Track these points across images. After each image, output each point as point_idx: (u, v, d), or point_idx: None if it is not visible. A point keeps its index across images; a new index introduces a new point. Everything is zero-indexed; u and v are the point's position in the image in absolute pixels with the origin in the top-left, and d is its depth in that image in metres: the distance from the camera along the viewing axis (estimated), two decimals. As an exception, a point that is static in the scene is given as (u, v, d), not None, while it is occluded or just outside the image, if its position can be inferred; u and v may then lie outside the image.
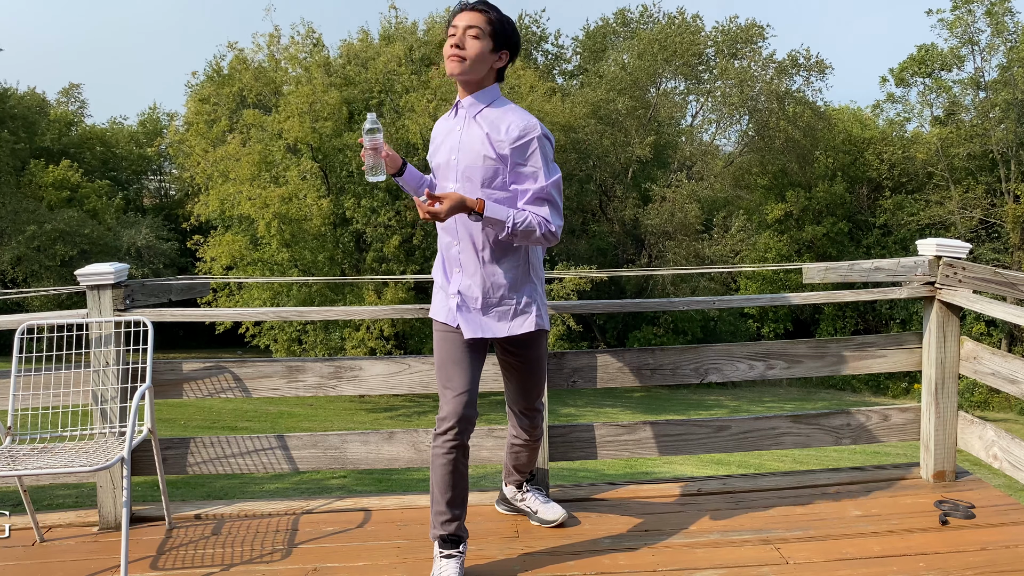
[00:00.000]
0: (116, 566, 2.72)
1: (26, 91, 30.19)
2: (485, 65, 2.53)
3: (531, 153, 2.48)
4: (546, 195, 2.49)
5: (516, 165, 2.49)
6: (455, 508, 2.55)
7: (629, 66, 27.68)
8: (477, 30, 2.49)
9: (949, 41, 27.23)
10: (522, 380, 2.79)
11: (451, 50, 2.50)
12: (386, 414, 19.51)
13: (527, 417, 2.86)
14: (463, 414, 2.50)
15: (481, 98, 2.57)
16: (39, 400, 3.04)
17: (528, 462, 3.00)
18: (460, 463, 2.52)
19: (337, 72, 21.24)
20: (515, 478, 3.07)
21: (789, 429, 3.36)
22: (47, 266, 24.81)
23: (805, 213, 28.99)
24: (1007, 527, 2.89)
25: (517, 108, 2.57)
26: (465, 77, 2.53)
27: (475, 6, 2.52)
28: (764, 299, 3.42)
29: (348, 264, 21.67)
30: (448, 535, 2.55)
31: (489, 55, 2.52)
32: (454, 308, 2.60)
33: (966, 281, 3.21)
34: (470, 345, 2.59)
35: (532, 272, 2.65)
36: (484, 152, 2.50)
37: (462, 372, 2.55)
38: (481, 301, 2.59)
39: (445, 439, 2.51)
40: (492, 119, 2.53)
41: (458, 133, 2.59)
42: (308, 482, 9.11)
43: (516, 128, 2.48)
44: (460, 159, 2.55)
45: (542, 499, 3.06)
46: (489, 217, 2.42)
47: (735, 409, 20.67)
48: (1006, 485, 8.60)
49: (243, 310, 3.47)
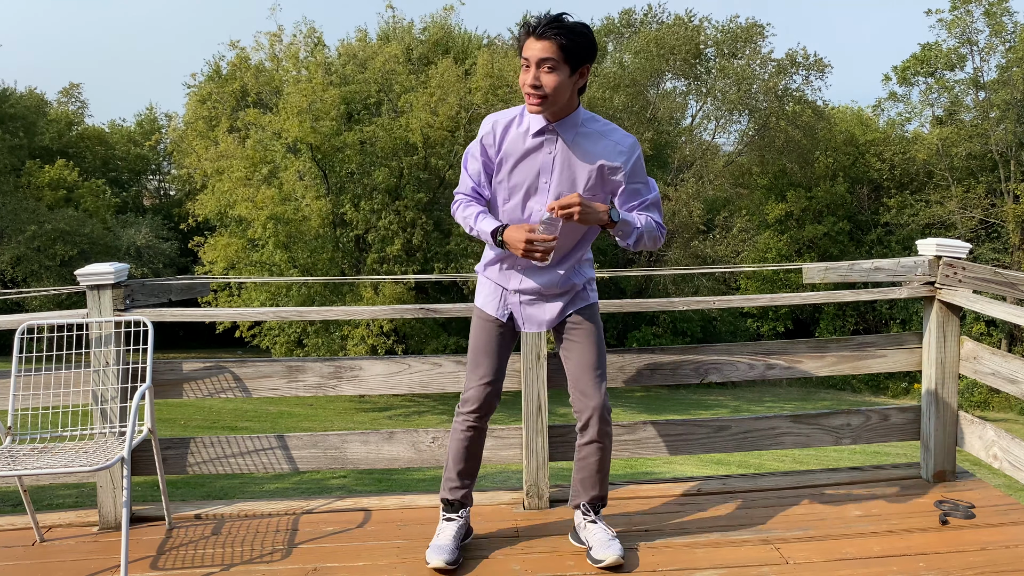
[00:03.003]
0: (116, 566, 2.72)
1: (25, 91, 30.17)
2: (567, 92, 2.46)
3: (640, 170, 2.58)
4: (654, 201, 2.63)
5: (630, 185, 2.58)
6: (464, 478, 2.79)
7: (628, 65, 27.70)
8: (552, 62, 2.39)
9: (948, 41, 27.25)
10: (583, 352, 2.71)
11: (529, 89, 2.43)
12: (386, 414, 19.52)
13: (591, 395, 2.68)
14: (484, 401, 2.71)
15: (572, 121, 2.52)
16: (39, 400, 3.04)
17: (595, 474, 2.73)
18: (474, 442, 2.76)
19: (337, 72, 21.25)
20: (578, 499, 2.80)
21: (789, 429, 3.35)
22: (47, 266, 24.82)
23: (805, 213, 28.99)
24: (1007, 527, 2.88)
25: (608, 123, 2.58)
26: (551, 111, 2.48)
27: (544, 34, 2.38)
28: (764, 299, 3.42)
29: (348, 264, 21.67)
30: (452, 500, 2.79)
31: (568, 81, 2.44)
32: (507, 305, 2.72)
33: (966, 281, 3.21)
34: (507, 337, 2.75)
35: (584, 258, 2.76)
36: (592, 181, 2.54)
37: (491, 362, 2.72)
38: (539, 295, 2.70)
39: (465, 419, 2.74)
40: (592, 143, 2.53)
41: (550, 156, 2.54)
42: (308, 482, 9.11)
43: (626, 152, 2.54)
44: (554, 183, 2.54)
45: (605, 536, 2.70)
46: (624, 221, 2.52)
47: (735, 409, 20.68)
48: (1006, 485, 8.60)
49: (243, 310, 3.47)
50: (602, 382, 2.71)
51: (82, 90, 37.02)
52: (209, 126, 22.68)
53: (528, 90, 2.42)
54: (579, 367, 2.72)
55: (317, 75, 20.54)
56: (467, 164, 2.66)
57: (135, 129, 34.68)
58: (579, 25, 2.41)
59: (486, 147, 2.59)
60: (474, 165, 2.64)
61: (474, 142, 2.64)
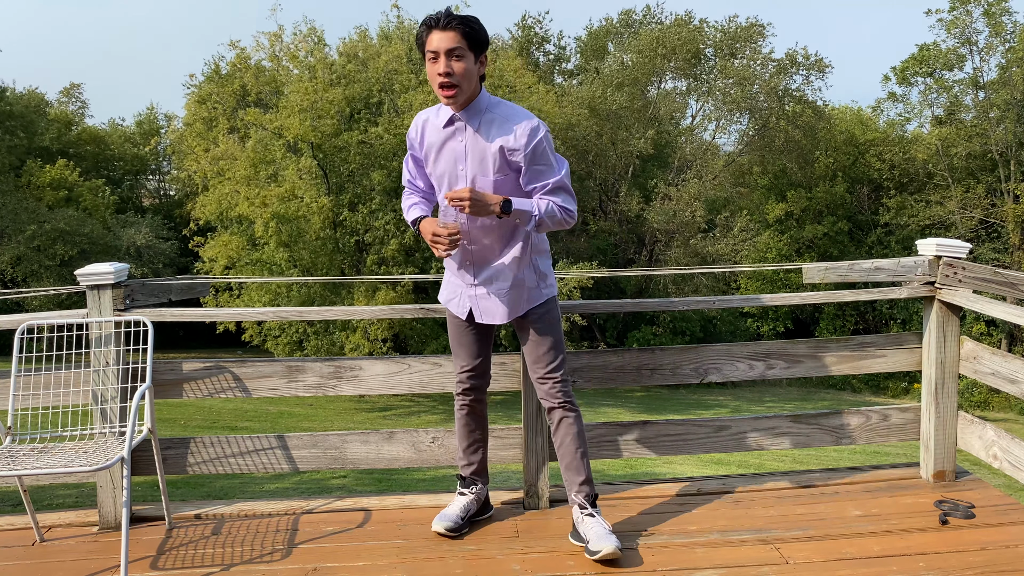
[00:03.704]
0: (116, 566, 2.72)
1: (25, 91, 30.15)
2: (474, 79, 2.58)
3: (541, 153, 2.61)
4: (559, 184, 2.64)
5: (531, 167, 2.62)
6: (469, 456, 3.02)
7: (628, 63, 27.70)
8: (459, 50, 2.51)
9: (947, 41, 27.25)
10: (539, 343, 2.80)
11: (441, 78, 2.51)
12: (386, 414, 19.52)
13: (543, 384, 2.81)
14: (467, 385, 2.94)
15: (476, 108, 2.62)
16: (39, 400, 3.04)
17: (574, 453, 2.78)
18: (469, 420, 2.99)
19: (338, 71, 21.23)
20: (572, 490, 2.82)
21: (789, 429, 3.36)
22: (47, 266, 24.81)
23: (805, 213, 29.00)
24: (1007, 527, 2.89)
25: (512, 107, 2.65)
26: (461, 101, 2.58)
27: (448, 25, 2.50)
28: (764, 299, 3.42)
29: (347, 265, 21.66)
30: (463, 475, 3.04)
31: (474, 68, 2.57)
32: (466, 300, 2.82)
33: (966, 281, 3.21)
34: (480, 329, 2.89)
35: (535, 251, 2.79)
36: (497, 164, 2.61)
37: (466, 352, 2.92)
38: (493, 289, 2.75)
39: (458, 399, 2.99)
40: (495, 128, 2.60)
41: (461, 144, 2.65)
42: (308, 482, 9.11)
43: (523, 135, 2.57)
44: (469, 169, 2.65)
45: (602, 529, 2.72)
46: (517, 210, 2.58)
47: (735, 409, 20.67)
48: (1006, 485, 8.61)
49: (243, 310, 3.47)
50: (557, 364, 2.80)
51: (82, 90, 36.98)
52: (209, 127, 22.66)
53: (441, 80, 2.52)
54: (535, 356, 2.82)
55: (318, 74, 20.52)
56: (406, 158, 2.91)
57: (135, 129, 34.66)
58: (473, 17, 2.55)
59: (412, 143, 2.80)
60: (409, 160, 2.89)
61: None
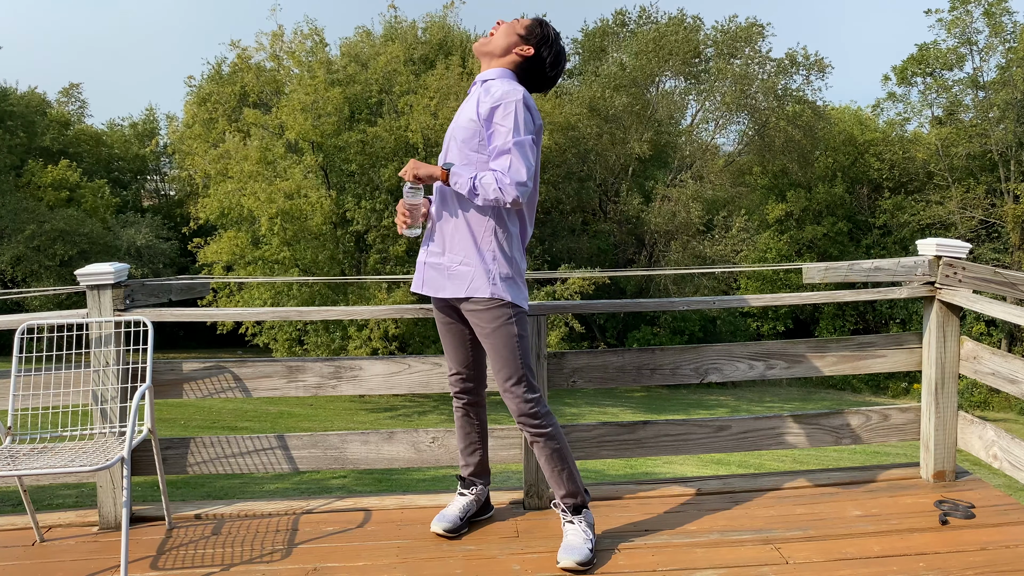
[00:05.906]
0: (116, 566, 2.72)
1: (26, 90, 30.14)
2: (506, 40, 2.69)
3: (506, 115, 2.56)
4: (507, 148, 2.53)
5: (493, 124, 2.59)
6: (466, 457, 3.00)
7: (627, 65, 27.68)
8: (514, 22, 2.71)
9: (947, 41, 27.25)
10: (492, 360, 2.68)
11: None
12: (386, 414, 19.51)
13: (505, 398, 2.68)
14: (457, 388, 2.93)
15: (488, 73, 2.71)
16: (39, 400, 3.04)
17: (550, 471, 2.69)
18: (465, 422, 2.97)
19: (338, 71, 21.23)
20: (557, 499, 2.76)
21: (789, 429, 3.36)
22: (47, 266, 24.79)
23: (805, 213, 28.99)
24: (1007, 527, 2.89)
25: (512, 82, 2.68)
26: (486, 48, 2.70)
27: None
28: (764, 299, 3.42)
29: (348, 264, 21.65)
30: (462, 476, 3.03)
31: (514, 36, 2.69)
32: (420, 266, 2.78)
33: (966, 281, 3.21)
34: (454, 325, 2.82)
35: (497, 239, 2.64)
36: (470, 116, 2.64)
37: (451, 355, 2.89)
38: (444, 260, 2.69)
39: (453, 401, 2.97)
40: (483, 94, 2.66)
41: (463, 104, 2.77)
42: (308, 482, 9.11)
43: (498, 91, 2.60)
44: (455, 123, 2.72)
45: (575, 539, 2.66)
46: (454, 173, 2.58)
47: (735, 409, 20.68)
48: (1006, 485, 8.61)
49: (243, 310, 3.47)
50: (515, 380, 2.64)
51: (82, 90, 36.98)
52: (209, 127, 22.64)
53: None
54: (492, 367, 2.70)
55: (319, 73, 20.52)
56: None
57: (133, 130, 34.63)
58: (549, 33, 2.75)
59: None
60: None
61: None
